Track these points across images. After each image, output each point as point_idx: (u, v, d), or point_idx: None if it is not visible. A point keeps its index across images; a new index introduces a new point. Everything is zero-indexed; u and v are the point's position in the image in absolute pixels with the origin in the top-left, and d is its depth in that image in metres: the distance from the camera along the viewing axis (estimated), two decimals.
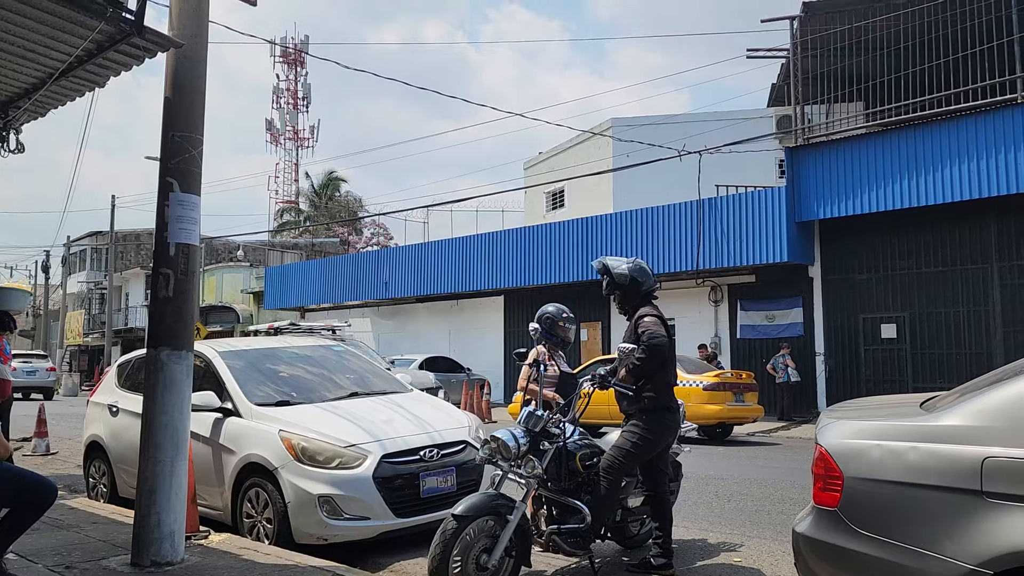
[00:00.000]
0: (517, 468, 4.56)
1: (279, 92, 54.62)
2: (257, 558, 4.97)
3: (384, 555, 5.56)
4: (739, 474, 9.30)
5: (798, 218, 16.35)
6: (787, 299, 17.55)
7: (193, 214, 5.05)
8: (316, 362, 7.19)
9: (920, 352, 15.58)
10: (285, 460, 5.48)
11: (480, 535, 4.32)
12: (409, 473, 5.57)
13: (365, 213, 45.57)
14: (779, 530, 6.15)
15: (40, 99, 5.88)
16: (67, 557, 4.96)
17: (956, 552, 2.70)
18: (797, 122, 16.85)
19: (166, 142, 5.04)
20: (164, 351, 4.91)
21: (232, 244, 42.38)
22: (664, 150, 18.01)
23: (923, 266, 15.67)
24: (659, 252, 18.35)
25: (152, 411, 4.87)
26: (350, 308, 28.34)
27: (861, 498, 3.02)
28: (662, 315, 5.08)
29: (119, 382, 7.66)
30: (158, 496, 4.77)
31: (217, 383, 6.33)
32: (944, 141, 14.56)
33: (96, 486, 7.68)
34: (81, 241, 46.15)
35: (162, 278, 4.96)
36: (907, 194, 14.95)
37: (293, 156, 54.71)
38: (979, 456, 2.75)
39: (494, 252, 22.23)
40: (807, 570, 3.20)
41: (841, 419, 3.38)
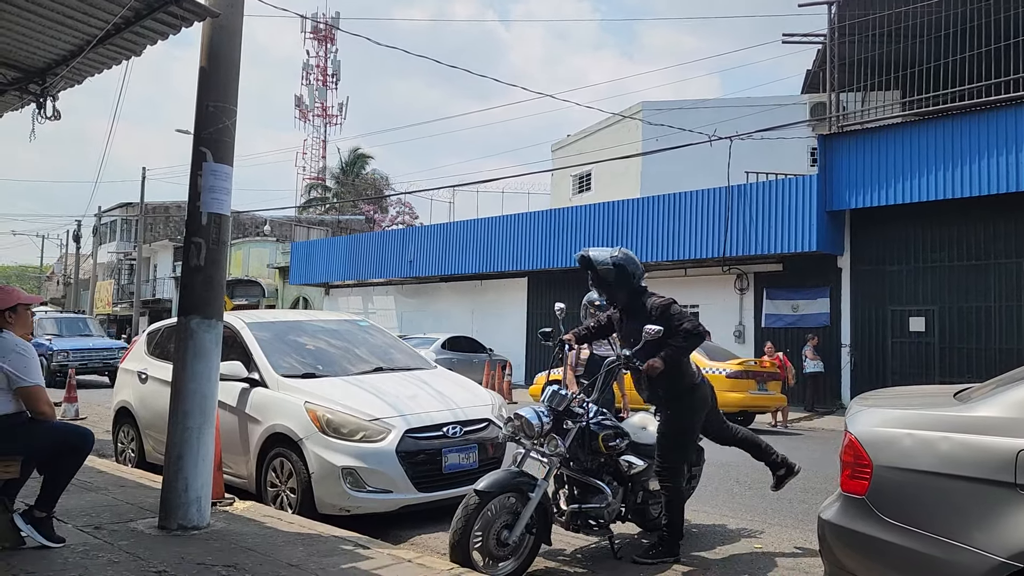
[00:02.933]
0: (540, 446, 4.57)
1: (309, 68, 54.80)
2: (281, 526, 5.03)
3: (405, 528, 5.61)
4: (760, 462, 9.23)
5: (829, 207, 16.14)
6: (814, 289, 17.36)
7: (225, 184, 5.07)
8: (341, 336, 7.25)
9: (949, 347, 15.36)
10: (310, 431, 5.53)
11: (501, 511, 4.35)
12: (432, 448, 5.60)
13: (391, 191, 45.69)
14: (800, 518, 6.12)
15: (77, 66, 5.91)
16: (96, 518, 5.06)
17: (986, 544, 2.67)
18: (832, 109, 16.60)
19: (200, 112, 5.06)
20: (194, 319, 4.96)
21: (259, 219, 42.70)
22: (694, 135, 17.82)
23: (955, 259, 15.42)
24: (686, 238, 18.22)
25: (182, 378, 4.93)
26: (374, 286, 28.48)
27: (890, 487, 2.99)
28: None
29: (148, 350, 7.77)
30: (186, 462, 4.83)
31: (244, 354, 6.39)
32: (982, 132, 14.26)
33: (124, 451, 7.82)
34: (112, 212, 46.72)
35: (194, 247, 5.00)
36: (942, 185, 14.69)
37: (321, 133, 54.98)
38: (1014, 448, 2.71)
39: (519, 234, 22.19)
40: (832, 558, 3.18)
41: (872, 407, 3.34)
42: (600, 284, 5.07)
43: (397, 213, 47.09)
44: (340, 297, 30.28)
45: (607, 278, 4.97)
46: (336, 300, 30.38)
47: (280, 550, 4.46)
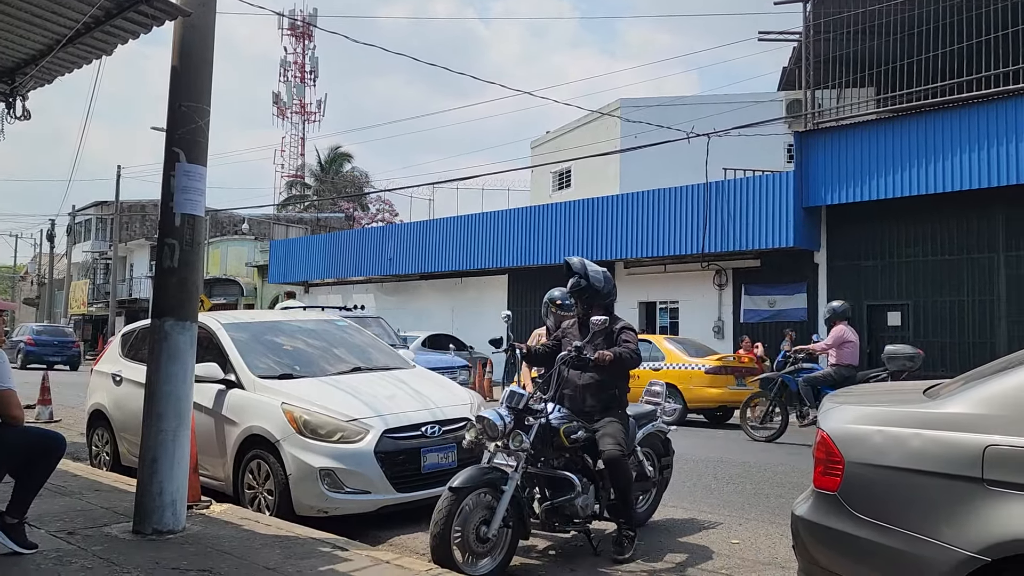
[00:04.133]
0: (505, 446, 4.61)
1: (286, 65, 54.36)
2: (258, 528, 5.00)
3: (384, 529, 5.60)
4: (739, 457, 9.33)
5: (805, 203, 16.28)
6: (791, 284, 17.50)
7: (199, 185, 5.03)
8: (319, 336, 7.21)
9: (923, 341, 15.53)
10: (287, 433, 5.50)
11: (478, 507, 4.40)
12: (411, 448, 5.59)
13: (371, 189, 45.50)
14: (777, 513, 6.17)
15: (47, 65, 5.84)
16: (70, 523, 5.00)
17: (955, 538, 2.71)
18: (807, 106, 16.73)
19: (173, 112, 5.01)
20: (168, 321, 4.92)
21: (237, 217, 42.39)
22: (672, 132, 17.90)
23: (929, 254, 15.60)
24: (665, 234, 18.31)
25: (155, 381, 4.89)
26: (354, 284, 28.36)
27: (861, 483, 3.02)
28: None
29: (123, 351, 7.69)
30: (160, 465, 4.79)
31: (220, 355, 6.34)
32: (955, 129, 14.44)
33: (99, 454, 7.73)
34: (86, 211, 46.17)
35: (167, 248, 4.96)
36: (916, 182, 14.86)
37: (300, 130, 54.57)
38: (981, 444, 2.75)
39: (499, 231, 22.19)
40: (805, 553, 3.21)
41: (844, 404, 3.38)
42: (583, 293, 5.27)
43: (377, 211, 46.92)
44: (320, 295, 30.11)
45: (597, 287, 5.24)
46: (315, 298, 30.20)
47: (257, 553, 4.43)
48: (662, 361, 13.35)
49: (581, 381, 5.11)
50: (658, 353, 13.53)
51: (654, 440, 5.71)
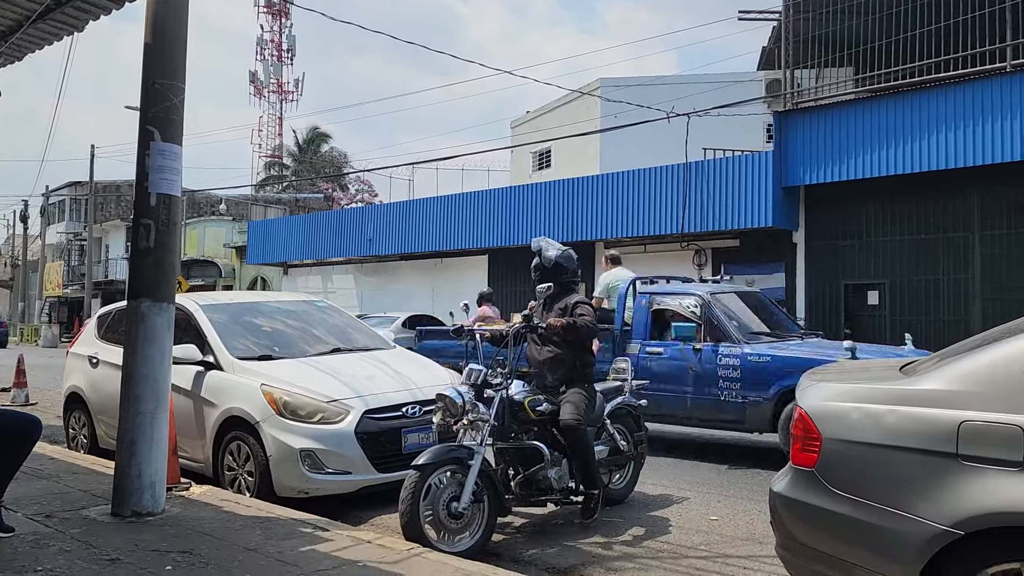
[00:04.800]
0: (468, 421, 4.65)
1: (263, 43, 53.60)
2: (238, 510, 4.99)
3: (365, 509, 5.61)
4: (716, 435, 9.41)
5: (784, 183, 16.35)
6: (769, 264, 17.62)
7: (174, 164, 4.96)
8: (298, 317, 7.17)
9: (900, 319, 15.73)
10: (267, 414, 5.48)
11: (448, 484, 4.47)
12: (391, 429, 5.59)
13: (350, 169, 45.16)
14: (755, 489, 6.24)
15: (17, 42, 5.72)
16: (47, 506, 4.96)
17: (929, 513, 2.75)
18: (786, 86, 16.76)
19: (146, 90, 4.93)
20: (145, 303, 4.86)
21: (215, 198, 41.91)
22: (652, 112, 17.86)
23: (905, 233, 15.75)
24: (644, 214, 18.33)
25: (133, 363, 4.84)
26: (333, 265, 28.19)
27: (838, 459, 3.06)
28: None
29: (99, 333, 7.61)
30: (139, 447, 4.76)
31: (199, 336, 6.29)
32: (932, 109, 14.53)
33: (76, 437, 7.67)
34: (60, 191, 45.44)
35: (143, 229, 4.89)
36: (893, 161, 14.96)
37: (277, 110, 53.95)
38: (956, 420, 2.79)
39: (479, 211, 22.12)
40: (783, 528, 3.25)
41: (821, 382, 3.41)
42: (539, 270, 5.37)
43: (356, 191, 46.60)
44: (299, 277, 29.94)
45: (547, 265, 5.32)
46: (295, 280, 30.03)
47: (237, 534, 4.42)
48: None
49: (541, 356, 5.18)
50: None
51: (625, 416, 5.78)
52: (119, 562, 3.90)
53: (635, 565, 4.42)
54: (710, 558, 4.58)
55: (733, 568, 4.39)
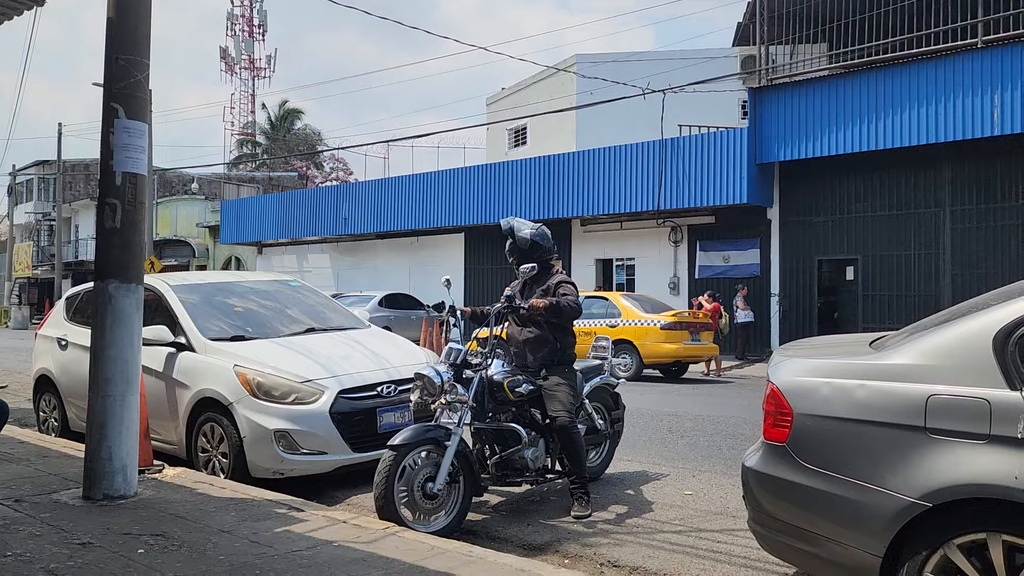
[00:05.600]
0: (446, 401, 4.63)
1: (233, 19, 52.62)
2: (212, 492, 4.95)
3: (341, 489, 5.59)
4: (693, 411, 9.50)
5: (759, 160, 16.42)
6: (744, 240, 17.74)
7: (140, 142, 4.86)
8: (272, 297, 7.09)
9: (871, 294, 15.94)
10: (240, 395, 5.43)
11: (424, 465, 4.45)
12: (366, 409, 5.56)
13: (324, 147, 44.67)
14: (729, 465, 6.31)
15: None
16: (17, 491, 4.90)
17: (898, 485, 2.78)
18: (761, 62, 16.78)
19: (110, 66, 4.81)
20: (112, 284, 4.78)
21: (187, 176, 41.33)
22: (628, 88, 17.83)
23: (877, 209, 15.91)
24: (621, 191, 18.34)
25: (101, 345, 4.77)
26: (308, 244, 27.97)
27: (809, 434, 3.09)
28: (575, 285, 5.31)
29: (68, 315, 7.48)
30: (109, 430, 4.70)
31: (170, 317, 6.21)
32: (903, 85, 14.64)
33: (47, 420, 7.56)
34: (27, 171, 44.56)
35: (108, 208, 4.79)
36: (866, 137, 15.07)
37: (249, 87, 53.09)
38: (924, 394, 2.82)
39: (455, 189, 22.01)
40: (755, 503, 3.28)
41: (792, 357, 3.43)
42: (515, 252, 5.29)
43: (331, 169, 46.13)
44: (274, 256, 29.69)
45: (523, 247, 5.23)
46: (270, 259, 29.77)
47: (211, 516, 4.39)
48: (618, 318, 13.46)
49: (522, 337, 5.14)
50: (614, 310, 13.63)
51: (603, 394, 5.78)
52: (91, 546, 3.86)
53: (610, 540, 4.45)
54: (684, 532, 4.62)
55: (707, 542, 4.44)
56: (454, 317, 5.19)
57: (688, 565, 4.07)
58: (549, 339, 5.08)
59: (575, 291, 5.17)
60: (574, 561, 4.16)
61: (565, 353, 5.15)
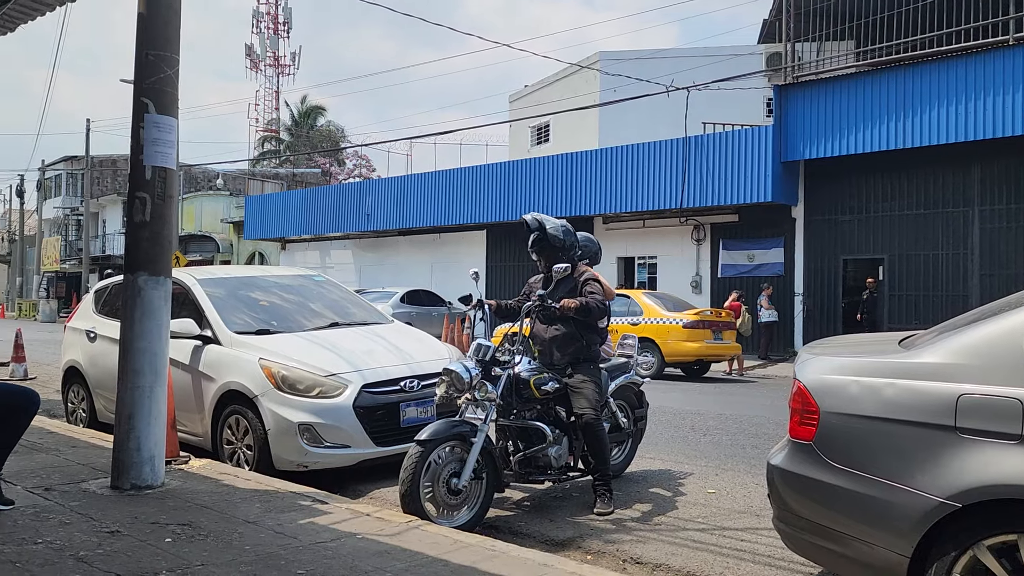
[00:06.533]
0: (474, 398, 4.63)
1: (259, 16, 52.97)
2: (237, 483, 5.00)
3: (364, 483, 5.63)
4: (715, 410, 9.45)
5: (784, 158, 16.28)
6: (769, 239, 17.60)
7: (169, 136, 4.91)
8: (296, 291, 7.15)
9: (898, 294, 15.76)
10: (265, 388, 5.48)
11: (449, 460, 4.46)
12: (389, 403, 5.60)
13: (347, 144, 44.89)
14: (753, 464, 6.27)
15: (9, 12, 5.64)
16: (46, 479, 4.97)
17: (927, 485, 2.75)
18: (787, 59, 16.63)
19: (140, 61, 4.86)
20: (142, 276, 4.84)
21: (212, 172, 41.71)
22: (652, 85, 17.74)
23: (905, 208, 15.72)
24: (643, 189, 18.27)
25: (130, 337, 4.83)
26: (331, 240, 28.13)
27: (836, 432, 3.06)
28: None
29: (96, 308, 7.59)
30: (137, 421, 4.76)
31: (196, 310, 6.28)
32: (932, 82, 14.44)
33: (75, 411, 7.68)
34: (56, 166, 45.20)
35: (138, 202, 4.85)
36: (894, 135, 14.89)
37: (274, 83, 53.42)
38: (954, 393, 2.78)
39: (477, 186, 22.03)
40: (780, 501, 3.26)
41: (820, 355, 3.40)
42: (545, 249, 5.21)
43: (354, 166, 46.35)
44: (297, 252, 29.88)
45: (555, 244, 5.18)
46: (293, 255, 29.98)
47: (237, 507, 4.44)
48: (640, 316, 13.42)
49: (548, 335, 5.13)
50: (636, 308, 13.59)
51: (628, 392, 5.77)
52: (119, 534, 3.91)
53: (632, 537, 4.44)
54: (707, 530, 4.60)
55: (730, 540, 4.42)
56: (482, 311, 5.19)
57: (712, 563, 4.05)
58: (576, 336, 5.08)
59: (601, 289, 5.16)
60: (597, 557, 4.16)
61: (591, 350, 5.15)
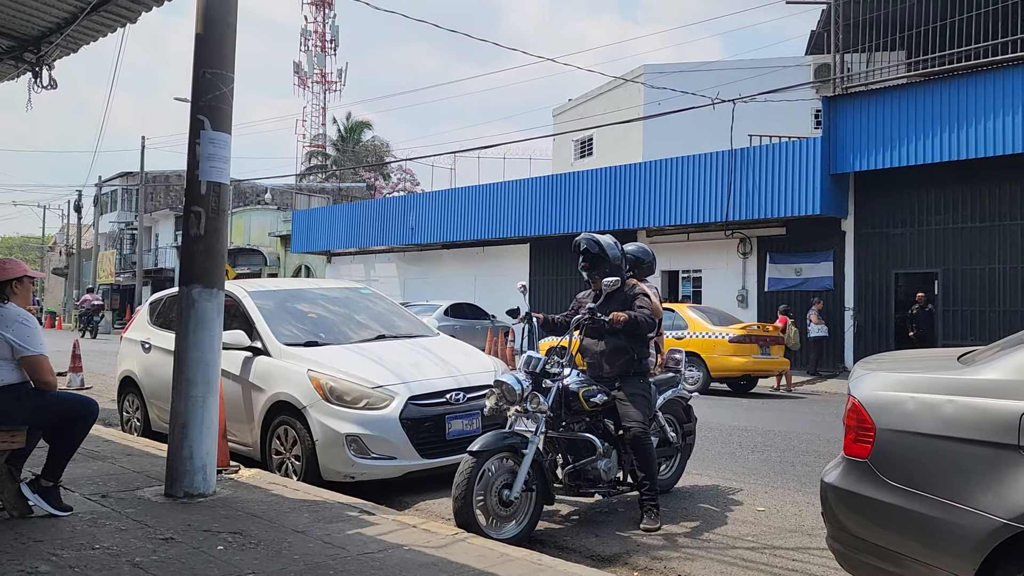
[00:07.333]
0: (525, 410, 4.64)
1: (307, 34, 54.04)
2: (286, 493, 5.07)
3: (410, 494, 5.65)
4: (763, 426, 9.30)
5: (833, 170, 16.02)
6: (817, 253, 17.30)
7: (224, 152, 5.03)
8: (343, 304, 7.24)
9: (952, 309, 15.35)
10: (313, 399, 5.55)
11: (500, 471, 4.47)
12: (435, 415, 5.62)
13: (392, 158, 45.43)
14: (803, 481, 6.15)
15: (72, 34, 5.84)
16: (103, 486, 5.10)
17: (989, 506, 2.67)
18: (836, 71, 16.39)
19: (197, 79, 5.00)
20: (196, 288, 4.95)
21: (260, 187, 42.53)
22: (696, 98, 17.62)
23: (959, 221, 15.33)
24: (688, 202, 18.12)
25: (184, 347, 4.94)
26: (376, 253, 28.44)
27: (893, 450, 2.99)
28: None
29: (151, 319, 7.77)
30: (190, 430, 4.86)
31: (246, 322, 6.39)
32: (987, 93, 14.09)
33: (130, 420, 7.86)
34: (112, 182, 46.54)
35: (193, 216, 4.97)
36: (947, 147, 14.56)
37: (321, 100, 54.37)
38: (1018, 411, 2.70)
39: (521, 199, 22.08)
40: (835, 520, 3.19)
41: (875, 371, 3.33)
42: (597, 266, 5.18)
43: (398, 180, 46.87)
44: (342, 265, 30.27)
45: (607, 256, 5.15)
46: (338, 268, 30.37)
47: (286, 517, 4.49)
48: (685, 330, 13.28)
49: (598, 348, 5.12)
50: (681, 322, 13.45)
51: (675, 406, 5.72)
52: (173, 541, 3.99)
53: (680, 554, 4.39)
54: (758, 549, 4.52)
55: (782, 559, 4.33)
56: (529, 324, 5.21)
57: None
58: (627, 350, 5.06)
59: (651, 304, 5.16)
60: (644, 573, 4.11)
61: (640, 364, 5.13)
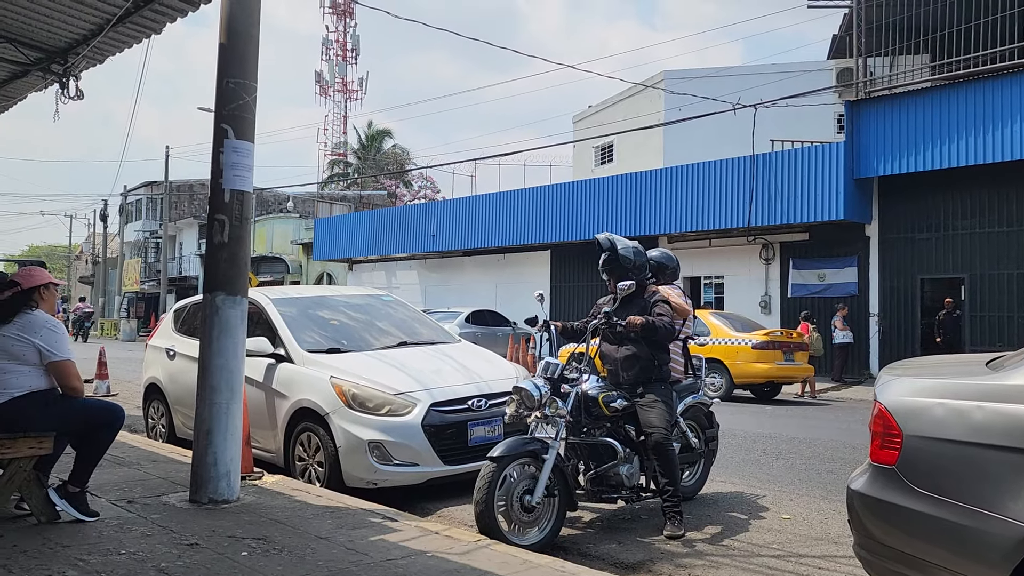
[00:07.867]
0: (544, 415, 4.64)
1: (328, 44, 54.48)
2: (309, 499, 5.09)
3: (432, 501, 5.66)
4: (788, 433, 9.21)
5: (856, 175, 15.87)
6: (841, 258, 17.14)
7: (247, 161, 5.08)
8: (365, 311, 7.28)
9: (979, 315, 15.13)
10: (336, 406, 5.57)
11: (522, 477, 4.47)
12: (458, 422, 5.63)
13: (413, 166, 45.63)
14: (829, 489, 6.09)
15: (98, 45, 5.93)
16: (129, 492, 5.15)
17: (1019, 513, 2.62)
18: (859, 75, 16.26)
19: (221, 89, 5.06)
20: (219, 296, 5.00)
21: (282, 195, 42.90)
22: (717, 103, 17.55)
23: (986, 226, 15.12)
24: (710, 208, 18.03)
25: (208, 354, 4.98)
26: (397, 260, 28.56)
27: (921, 456, 2.95)
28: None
29: (175, 327, 7.85)
30: (215, 436, 4.90)
31: (270, 329, 6.44)
32: (1014, 96, 13.90)
33: (155, 426, 7.94)
34: (137, 191, 47.15)
35: (217, 224, 5.02)
36: (972, 150, 14.38)
37: (342, 108, 54.75)
38: None
39: (541, 206, 22.08)
40: (862, 527, 3.15)
41: (902, 376, 3.29)
42: (615, 269, 5.18)
43: (419, 188, 47.04)
44: (364, 272, 30.42)
45: (625, 264, 5.15)
46: (360, 275, 30.53)
47: (309, 523, 4.51)
48: (708, 336, 13.20)
49: (619, 355, 5.11)
50: (703, 328, 13.36)
51: (697, 413, 5.68)
52: (198, 547, 4.02)
53: (704, 562, 4.35)
54: (783, 557, 4.48)
55: (808, 568, 4.28)
56: (548, 332, 5.21)
57: None
58: (647, 356, 5.05)
59: (670, 311, 5.14)
60: None
61: (661, 370, 5.12)
